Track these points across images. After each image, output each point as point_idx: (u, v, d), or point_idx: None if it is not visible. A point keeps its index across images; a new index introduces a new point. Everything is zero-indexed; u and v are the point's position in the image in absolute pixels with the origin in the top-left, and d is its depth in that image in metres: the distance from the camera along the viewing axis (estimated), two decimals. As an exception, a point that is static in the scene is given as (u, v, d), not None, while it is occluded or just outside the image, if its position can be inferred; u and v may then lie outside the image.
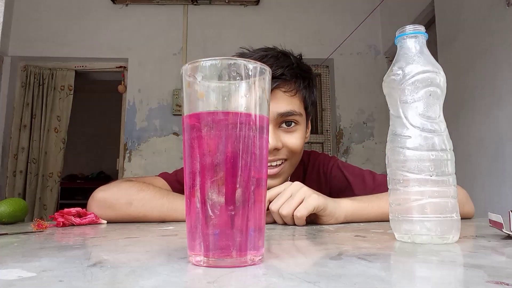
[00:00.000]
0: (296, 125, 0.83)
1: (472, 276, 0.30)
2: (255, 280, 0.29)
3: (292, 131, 0.82)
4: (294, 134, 0.82)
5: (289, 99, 0.80)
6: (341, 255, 0.38)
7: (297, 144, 0.82)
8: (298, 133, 0.83)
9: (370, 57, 3.63)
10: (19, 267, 0.33)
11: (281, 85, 0.79)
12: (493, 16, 2.00)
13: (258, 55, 0.82)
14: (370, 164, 3.49)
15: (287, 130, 0.82)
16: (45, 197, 3.40)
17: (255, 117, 0.35)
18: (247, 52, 0.85)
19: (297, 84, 0.82)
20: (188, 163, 0.36)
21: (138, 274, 0.30)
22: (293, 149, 0.82)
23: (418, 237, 0.46)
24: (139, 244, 0.46)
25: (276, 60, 0.81)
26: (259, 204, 0.35)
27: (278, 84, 0.79)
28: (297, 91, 0.82)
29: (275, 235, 0.55)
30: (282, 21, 3.61)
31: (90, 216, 0.73)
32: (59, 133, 3.47)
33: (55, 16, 3.55)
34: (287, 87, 0.80)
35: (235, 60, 0.35)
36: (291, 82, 0.81)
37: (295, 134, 0.82)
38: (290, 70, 0.81)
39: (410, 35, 0.51)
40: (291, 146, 0.82)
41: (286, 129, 0.82)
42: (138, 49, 3.52)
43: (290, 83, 0.81)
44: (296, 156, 0.85)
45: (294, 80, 0.81)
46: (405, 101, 0.49)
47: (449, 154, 0.48)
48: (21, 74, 3.49)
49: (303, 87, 0.84)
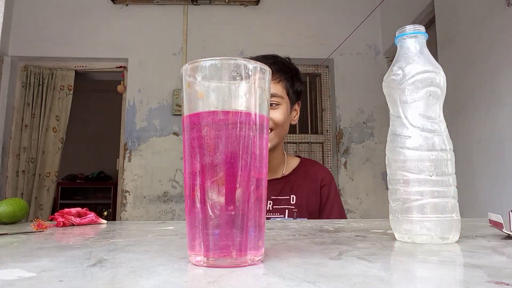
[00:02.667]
0: (278, 105, 1.07)
1: (472, 276, 0.30)
2: (255, 280, 0.29)
3: (274, 109, 1.07)
4: (276, 110, 1.06)
5: (272, 85, 1.03)
6: (341, 255, 0.38)
7: (278, 117, 1.06)
8: (280, 110, 1.07)
9: (370, 57, 3.63)
10: (19, 267, 0.33)
11: None
12: (493, 16, 2.00)
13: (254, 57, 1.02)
14: (370, 164, 3.49)
15: (271, 109, 1.04)
16: (42, 196, 3.40)
17: (255, 117, 0.35)
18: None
19: (280, 75, 1.07)
20: (188, 163, 0.36)
21: (138, 274, 0.30)
22: (275, 121, 1.05)
23: (418, 237, 0.46)
24: (139, 244, 0.46)
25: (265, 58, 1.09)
26: (259, 204, 0.35)
27: None
28: (280, 80, 1.07)
29: (275, 235, 0.55)
30: (282, 21, 3.61)
31: (90, 216, 0.73)
32: (57, 132, 3.47)
33: (55, 16, 3.55)
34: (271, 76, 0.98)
35: (235, 60, 0.35)
36: (275, 73, 1.06)
37: (276, 110, 1.06)
38: (275, 65, 1.07)
39: (410, 35, 0.51)
40: (273, 118, 1.05)
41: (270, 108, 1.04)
42: (138, 49, 3.52)
43: (274, 74, 1.04)
44: (280, 127, 1.07)
45: (278, 71, 1.07)
46: (405, 101, 0.49)
47: (449, 154, 0.48)
48: (21, 74, 3.49)
49: (285, 78, 1.08)
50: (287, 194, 1.11)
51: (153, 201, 3.35)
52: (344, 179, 3.45)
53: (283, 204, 1.09)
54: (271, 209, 1.09)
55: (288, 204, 1.10)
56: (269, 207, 1.09)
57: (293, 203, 1.10)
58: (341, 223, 0.73)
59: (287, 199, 1.10)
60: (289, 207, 1.09)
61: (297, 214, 1.08)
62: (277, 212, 1.09)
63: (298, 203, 1.10)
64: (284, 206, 1.09)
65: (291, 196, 1.11)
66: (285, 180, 1.14)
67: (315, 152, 3.53)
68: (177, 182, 3.37)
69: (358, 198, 3.44)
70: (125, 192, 3.36)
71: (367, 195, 3.46)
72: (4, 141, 3.36)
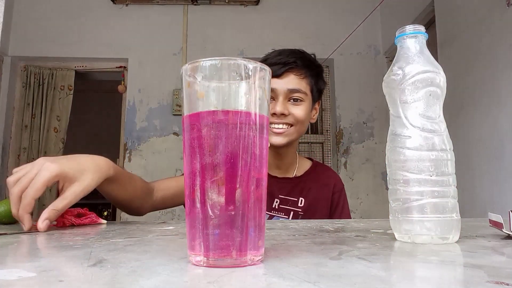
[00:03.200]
0: (301, 101, 1.04)
1: (472, 276, 0.30)
2: (255, 280, 0.29)
3: (298, 104, 1.04)
4: (299, 106, 1.04)
5: (298, 80, 1.03)
6: (341, 255, 0.38)
7: (300, 113, 1.04)
8: (302, 107, 1.04)
9: (370, 57, 3.63)
10: (19, 267, 0.33)
11: (293, 69, 1.03)
12: (493, 16, 2.00)
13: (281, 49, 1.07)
14: (370, 164, 3.49)
15: (293, 104, 1.04)
16: (44, 196, 3.40)
17: (255, 117, 0.35)
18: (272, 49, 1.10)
19: (306, 71, 1.05)
20: (188, 163, 0.36)
21: (138, 274, 0.30)
22: (297, 117, 1.03)
23: (418, 237, 0.46)
24: (139, 244, 0.46)
25: (292, 52, 1.06)
26: (259, 204, 0.35)
27: (292, 68, 1.02)
28: (305, 76, 1.05)
29: (275, 235, 0.55)
30: (282, 21, 3.61)
31: (90, 216, 0.73)
32: (58, 133, 3.47)
33: (55, 16, 3.55)
34: (297, 72, 1.03)
35: (235, 60, 0.35)
36: (301, 68, 1.04)
37: (299, 106, 1.04)
38: (302, 60, 1.05)
39: (410, 35, 0.51)
40: (296, 114, 1.03)
41: (293, 103, 1.04)
42: (138, 49, 3.52)
43: (300, 69, 1.03)
44: (300, 124, 1.05)
45: (304, 67, 1.04)
46: (405, 101, 0.49)
47: (449, 154, 0.48)
48: (21, 74, 3.50)
49: (310, 75, 1.06)
50: (295, 195, 1.09)
51: (153, 201, 3.35)
52: (344, 179, 3.45)
53: (290, 205, 1.07)
54: (276, 207, 1.07)
55: (295, 206, 1.07)
56: (275, 205, 1.07)
57: (301, 205, 1.07)
58: (341, 223, 0.73)
59: (295, 201, 1.08)
60: (295, 209, 1.07)
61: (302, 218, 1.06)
62: (282, 211, 1.06)
63: (305, 207, 1.07)
64: (291, 207, 1.07)
65: (300, 199, 1.09)
66: (296, 181, 1.11)
67: (315, 152, 3.53)
68: (177, 182, 3.37)
69: (358, 198, 3.44)
70: (125, 192, 3.36)
71: (367, 195, 3.46)
72: (4, 141, 3.36)
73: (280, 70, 1.02)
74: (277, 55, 1.05)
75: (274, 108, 1.00)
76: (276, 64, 1.02)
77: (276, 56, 1.05)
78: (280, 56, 1.04)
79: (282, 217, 1.06)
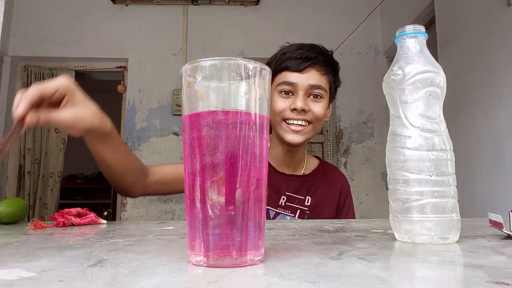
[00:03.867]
0: (321, 98, 1.01)
1: (472, 276, 0.30)
2: (255, 280, 0.29)
3: (318, 101, 1.01)
4: (319, 103, 1.01)
5: (319, 77, 1.01)
6: (341, 255, 0.38)
7: (320, 111, 1.01)
8: (322, 104, 1.02)
9: (370, 57, 3.63)
10: (19, 267, 0.33)
11: (315, 65, 1.00)
12: (493, 16, 2.00)
13: (300, 43, 1.04)
14: (370, 164, 3.49)
15: (314, 100, 1.01)
16: (46, 196, 3.42)
17: (255, 117, 0.35)
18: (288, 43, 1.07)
19: (326, 67, 1.02)
20: (188, 163, 0.36)
21: (138, 274, 0.30)
22: (316, 114, 1.00)
23: (418, 237, 0.46)
24: (139, 244, 0.46)
25: (313, 47, 1.03)
26: (259, 204, 0.35)
27: (313, 63, 1.00)
28: (326, 72, 1.02)
29: (275, 235, 0.55)
30: (282, 21, 3.61)
31: (90, 216, 0.73)
32: (59, 133, 3.48)
33: (55, 16, 3.55)
34: (319, 67, 1.01)
35: (235, 60, 0.35)
36: (322, 65, 1.01)
37: (319, 103, 1.01)
38: (323, 56, 1.02)
39: (410, 35, 0.51)
40: (315, 112, 1.00)
41: (313, 99, 1.01)
42: (138, 49, 3.52)
43: (321, 66, 1.01)
44: (318, 122, 1.03)
45: (325, 64, 1.02)
46: (405, 101, 0.49)
47: (449, 154, 0.48)
48: (21, 74, 3.50)
49: (330, 72, 1.04)
50: (303, 194, 1.07)
51: (153, 201, 3.35)
52: (344, 179, 3.45)
53: (297, 204, 1.06)
54: (283, 205, 1.05)
55: (302, 204, 1.06)
56: (282, 203, 1.05)
57: (307, 204, 1.06)
58: (341, 223, 0.73)
59: (302, 199, 1.06)
60: (302, 208, 1.05)
61: (308, 217, 1.04)
62: (288, 209, 1.05)
63: (312, 206, 1.06)
64: (297, 205, 1.05)
65: (307, 197, 1.07)
66: (304, 179, 1.10)
67: (315, 152, 3.53)
68: (177, 182, 3.37)
69: (358, 198, 3.44)
70: (125, 192, 3.36)
71: (367, 195, 3.46)
72: (4, 141, 3.36)
73: (302, 64, 0.98)
74: (298, 49, 1.01)
75: (294, 103, 0.97)
76: (298, 58, 0.99)
77: (296, 50, 1.01)
78: (301, 50, 1.00)
79: (289, 215, 1.04)
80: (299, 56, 0.99)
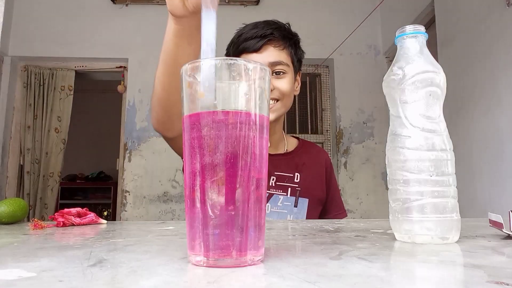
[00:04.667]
0: (284, 73, 1.01)
1: (472, 276, 0.30)
2: (255, 280, 0.29)
3: (281, 77, 1.01)
4: (283, 79, 1.01)
5: (278, 52, 1.00)
6: (341, 255, 0.38)
7: (285, 87, 1.01)
8: (286, 79, 1.01)
9: (370, 57, 3.63)
10: (19, 267, 0.33)
11: (271, 41, 0.99)
12: (493, 16, 2.00)
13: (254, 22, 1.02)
14: (370, 164, 3.49)
15: (277, 77, 1.01)
16: (46, 196, 3.41)
17: (255, 117, 0.35)
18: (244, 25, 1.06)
19: (284, 41, 1.01)
20: (188, 163, 0.36)
21: (138, 274, 0.30)
22: (282, 91, 1.00)
23: (418, 237, 0.46)
24: (139, 244, 0.46)
25: (267, 24, 1.02)
26: (259, 204, 0.35)
27: (270, 40, 0.99)
28: (284, 47, 1.01)
29: (275, 235, 0.55)
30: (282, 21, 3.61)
31: (90, 216, 0.73)
32: (59, 133, 3.48)
33: (55, 16, 3.55)
34: (276, 43, 1.00)
35: (235, 60, 0.35)
36: (279, 39, 1.00)
37: (283, 79, 1.01)
38: (279, 31, 1.01)
39: (410, 35, 0.51)
40: (281, 88, 1.00)
41: (276, 76, 1.01)
42: (138, 49, 3.52)
43: (278, 41, 1.00)
44: (286, 97, 1.02)
45: (282, 38, 1.01)
46: (405, 101, 0.49)
47: (449, 154, 0.48)
48: (21, 74, 3.50)
49: (289, 45, 1.03)
50: (291, 171, 1.07)
51: (153, 201, 3.35)
52: (344, 179, 3.45)
53: (287, 182, 1.05)
54: (273, 185, 1.04)
55: (291, 182, 1.06)
56: (272, 183, 1.04)
57: (297, 181, 1.06)
58: (341, 223, 0.73)
59: (291, 177, 1.06)
60: (292, 185, 1.05)
61: (300, 194, 1.05)
62: (279, 189, 1.04)
63: (302, 182, 1.06)
64: (288, 183, 1.05)
65: (296, 174, 1.07)
66: (289, 156, 1.10)
67: (315, 152, 3.53)
68: (177, 182, 3.37)
69: (358, 198, 3.44)
70: (125, 192, 3.36)
71: (367, 195, 3.46)
72: (4, 141, 3.36)
73: (258, 43, 0.97)
74: (252, 29, 1.00)
75: None
76: (253, 38, 0.97)
77: (251, 30, 0.99)
78: (255, 30, 0.99)
79: (281, 194, 1.04)
80: (254, 35, 0.98)
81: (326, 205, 1.13)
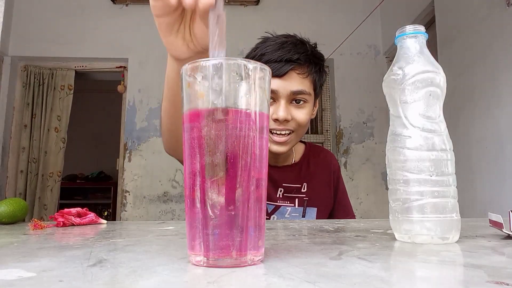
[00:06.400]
0: (305, 103, 0.96)
1: (472, 276, 0.30)
2: (255, 280, 0.29)
3: (301, 107, 0.96)
4: (302, 110, 0.96)
5: (301, 80, 0.94)
6: (341, 255, 0.38)
7: (303, 118, 0.96)
8: (306, 110, 0.96)
9: (370, 57, 3.63)
10: (19, 267, 0.33)
11: (296, 67, 0.93)
12: (493, 16, 2.00)
13: (280, 40, 0.96)
14: (370, 164, 3.49)
15: (296, 106, 0.95)
16: (45, 196, 3.41)
17: (255, 117, 0.35)
18: (270, 36, 1.02)
19: (309, 68, 0.95)
20: (188, 163, 0.36)
21: (138, 274, 0.30)
22: (300, 122, 0.95)
23: (418, 237, 0.46)
24: (139, 244, 0.46)
25: (294, 46, 0.94)
26: (259, 204, 0.35)
27: (294, 66, 0.92)
28: (309, 74, 0.95)
29: (275, 235, 0.55)
30: (282, 21, 3.60)
31: (90, 216, 0.73)
32: (59, 132, 3.48)
33: (55, 16, 3.55)
34: (301, 70, 0.94)
35: (235, 60, 0.35)
36: (304, 66, 0.94)
37: (303, 110, 0.96)
38: (305, 56, 0.94)
39: (410, 35, 0.51)
40: (299, 120, 0.95)
41: (295, 105, 0.95)
42: (138, 49, 3.51)
43: (303, 67, 0.94)
44: (302, 129, 0.98)
45: (307, 64, 0.95)
46: (405, 101, 0.49)
47: (449, 154, 0.48)
48: (21, 74, 3.50)
49: (314, 71, 0.96)
50: (299, 182, 1.06)
51: (153, 201, 3.35)
52: (344, 179, 3.43)
53: (294, 193, 1.04)
54: (281, 196, 1.03)
55: (299, 192, 1.05)
56: (280, 195, 1.03)
57: (304, 191, 1.05)
58: (341, 223, 0.73)
59: (299, 187, 1.05)
60: (299, 196, 1.04)
61: (308, 203, 1.03)
62: (287, 200, 1.03)
63: (309, 191, 1.05)
64: (295, 194, 1.04)
65: (303, 184, 1.06)
66: (297, 167, 1.08)
67: (315, 152, 3.53)
68: (177, 182, 3.37)
69: (358, 198, 3.44)
70: (125, 192, 3.36)
71: (367, 195, 3.46)
72: (4, 141, 3.36)
73: (282, 68, 0.90)
74: (277, 50, 0.92)
75: (276, 113, 0.91)
76: (277, 61, 0.91)
77: (275, 52, 0.92)
78: (280, 52, 0.92)
79: (288, 205, 1.03)
80: (279, 59, 0.91)
81: (334, 208, 1.13)
